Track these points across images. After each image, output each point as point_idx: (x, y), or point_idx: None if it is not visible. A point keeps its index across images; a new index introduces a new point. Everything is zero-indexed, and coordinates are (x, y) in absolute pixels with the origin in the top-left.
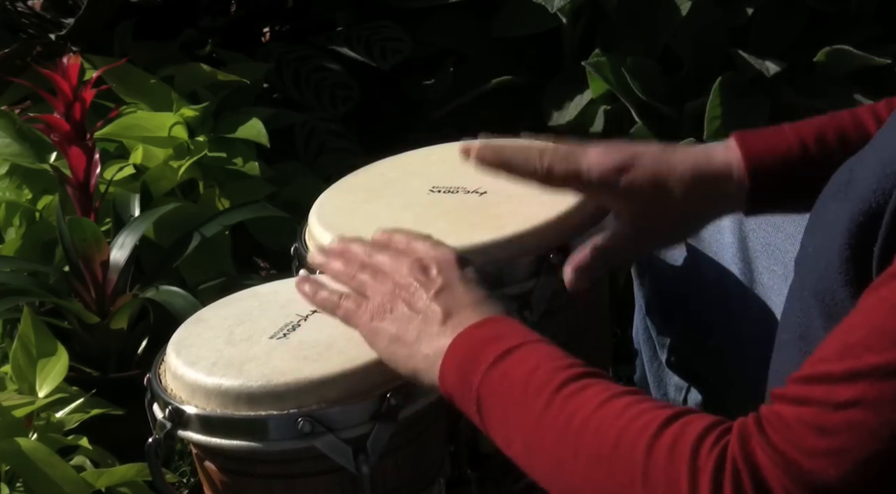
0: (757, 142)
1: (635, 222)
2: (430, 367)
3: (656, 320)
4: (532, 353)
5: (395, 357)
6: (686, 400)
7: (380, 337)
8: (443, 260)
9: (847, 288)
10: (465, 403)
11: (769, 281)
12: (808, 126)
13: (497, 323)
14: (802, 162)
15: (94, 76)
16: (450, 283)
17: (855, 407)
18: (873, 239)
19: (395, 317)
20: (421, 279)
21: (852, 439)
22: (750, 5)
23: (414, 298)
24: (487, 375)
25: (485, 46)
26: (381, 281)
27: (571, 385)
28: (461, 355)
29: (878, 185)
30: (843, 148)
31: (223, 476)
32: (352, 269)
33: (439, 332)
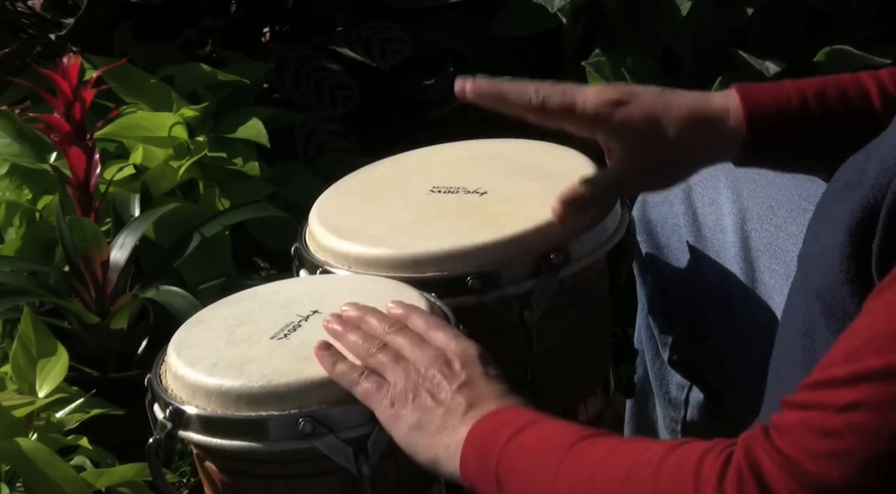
0: (757, 92)
1: (627, 159)
2: (450, 457)
3: (658, 319)
4: (546, 425)
5: (414, 445)
6: (688, 398)
7: (400, 424)
8: (465, 356)
9: (848, 286)
10: (486, 485)
11: (771, 280)
12: (809, 83)
13: (514, 408)
14: (801, 115)
15: (94, 76)
16: (473, 378)
17: (857, 409)
18: (872, 235)
19: (416, 406)
20: (445, 371)
21: (855, 441)
22: (750, 5)
23: (437, 389)
24: (504, 451)
25: (485, 46)
26: (403, 367)
27: (583, 442)
28: (480, 440)
29: (876, 181)
30: (842, 106)
31: (224, 477)
32: (371, 347)
33: (461, 423)
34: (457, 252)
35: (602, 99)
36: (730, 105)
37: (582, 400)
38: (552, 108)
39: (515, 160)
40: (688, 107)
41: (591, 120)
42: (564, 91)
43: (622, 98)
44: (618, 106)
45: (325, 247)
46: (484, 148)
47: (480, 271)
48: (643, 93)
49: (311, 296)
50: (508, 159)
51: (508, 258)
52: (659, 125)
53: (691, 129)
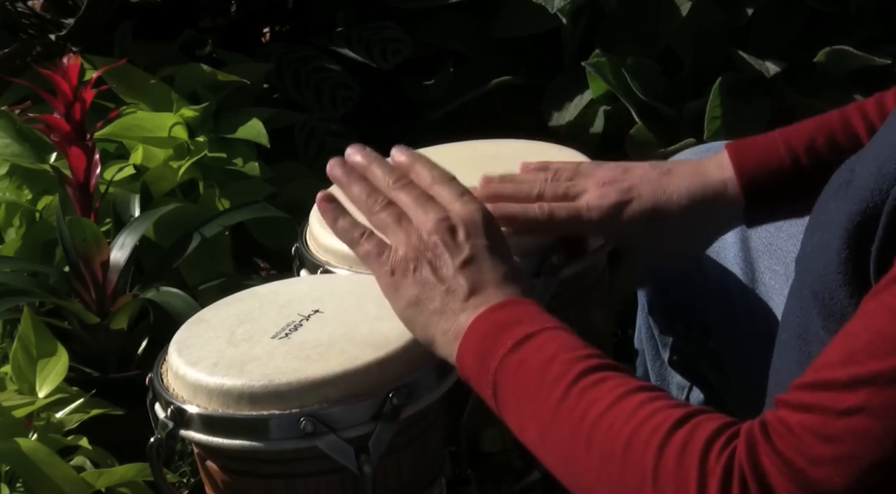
0: (749, 157)
1: (640, 250)
2: (447, 344)
3: (658, 319)
4: (550, 342)
5: (411, 320)
6: (688, 399)
7: (399, 295)
8: (471, 224)
9: (845, 288)
10: (482, 387)
11: (771, 280)
12: (798, 135)
13: (517, 305)
14: (795, 174)
15: (94, 76)
16: (476, 253)
17: (859, 414)
18: (870, 239)
19: (417, 279)
20: (448, 241)
21: (857, 446)
22: (750, 5)
23: (439, 262)
24: (504, 361)
25: (485, 46)
26: (406, 230)
27: (587, 377)
28: (479, 339)
29: (875, 185)
30: (834, 154)
31: (225, 476)
32: (374, 204)
33: (461, 308)
34: None
35: (604, 205)
36: (726, 178)
37: None
38: (559, 221)
39: (515, 160)
40: (687, 193)
41: (597, 225)
42: (565, 197)
43: (622, 199)
44: (620, 208)
45: (326, 247)
46: (484, 148)
47: None
48: (642, 187)
49: (312, 296)
50: (508, 159)
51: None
52: (663, 216)
53: (695, 213)
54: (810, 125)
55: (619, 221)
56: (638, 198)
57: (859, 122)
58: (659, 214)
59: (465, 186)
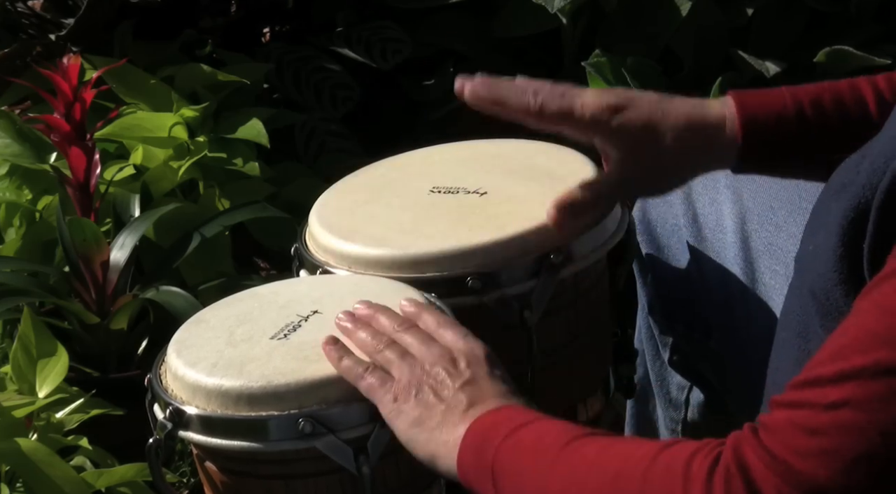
0: (753, 100)
1: (624, 165)
2: (448, 454)
3: (658, 320)
4: (544, 424)
5: (414, 440)
6: (688, 398)
7: (401, 418)
8: (472, 355)
9: (841, 286)
10: (482, 482)
11: (771, 280)
12: (805, 90)
13: (512, 408)
14: (797, 123)
15: (94, 76)
16: (477, 377)
17: (844, 407)
18: (863, 235)
19: (419, 402)
20: (450, 369)
21: (842, 439)
22: (750, 5)
23: (440, 387)
24: (500, 449)
25: (485, 46)
26: (409, 363)
27: (578, 441)
28: (477, 437)
29: (867, 181)
30: (838, 114)
31: (224, 477)
32: (378, 343)
33: (461, 420)
34: (457, 252)
35: (600, 104)
36: (726, 113)
37: (582, 400)
38: (550, 112)
39: (515, 160)
40: (685, 115)
41: (588, 125)
42: (563, 94)
43: (620, 103)
44: (616, 111)
45: (326, 248)
46: (484, 148)
47: (480, 271)
48: (641, 99)
49: (312, 296)
50: (508, 159)
51: (508, 258)
52: (656, 131)
53: (688, 137)
54: (817, 85)
55: (610, 126)
56: (635, 108)
57: (868, 89)
58: (652, 128)
59: (468, 329)
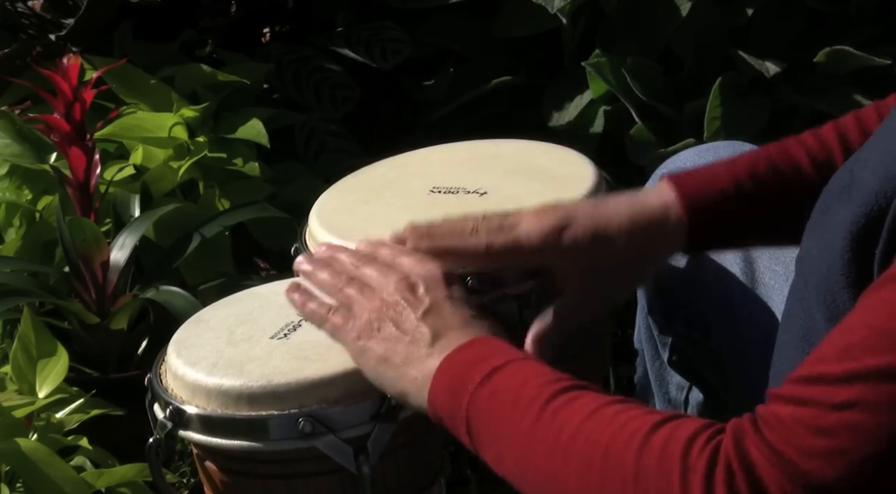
0: (690, 182)
1: (583, 279)
2: (418, 391)
3: (658, 319)
4: (519, 370)
5: (382, 377)
6: (688, 398)
7: (367, 356)
8: (429, 278)
9: (849, 290)
10: (456, 425)
11: (770, 280)
12: (740, 162)
13: (483, 342)
14: (738, 197)
15: (94, 76)
16: (437, 303)
17: (853, 408)
18: (875, 241)
19: (382, 337)
20: (408, 298)
21: (850, 440)
22: (750, 6)
23: (401, 318)
24: (475, 395)
25: (485, 46)
26: (368, 297)
27: (560, 398)
28: (448, 378)
29: (880, 188)
30: (776, 180)
31: (224, 477)
32: (339, 282)
33: (427, 355)
34: None
35: (544, 229)
36: (667, 200)
37: None
38: (498, 249)
39: (515, 160)
40: (627, 214)
41: (538, 251)
42: (502, 228)
43: (560, 223)
44: (560, 232)
45: None
46: (484, 148)
47: (480, 271)
48: (579, 212)
49: None
50: (508, 159)
51: None
52: (605, 239)
53: (636, 235)
54: (754, 153)
55: (560, 244)
56: (577, 221)
57: (799, 151)
58: (600, 235)
59: (426, 256)
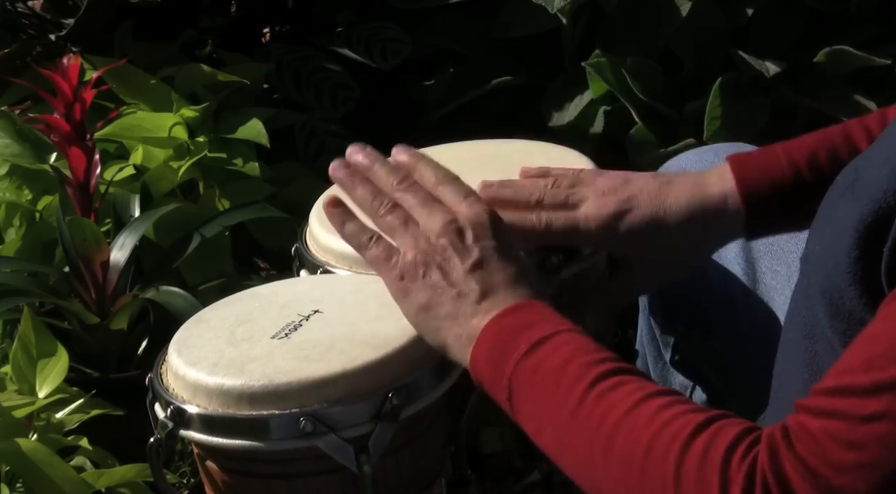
0: (750, 169)
1: (637, 261)
2: (461, 349)
3: (659, 320)
4: (564, 345)
5: (423, 325)
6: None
7: (409, 300)
8: (478, 225)
9: (855, 287)
10: (496, 391)
11: (772, 281)
12: (800, 148)
13: (530, 308)
14: (796, 187)
15: (95, 77)
16: (486, 256)
17: (882, 419)
18: (883, 239)
19: (427, 284)
20: (457, 244)
21: (881, 452)
22: (750, 6)
23: (448, 266)
24: (519, 365)
25: (485, 47)
26: (413, 233)
27: (604, 382)
28: (493, 343)
29: (888, 185)
30: (835, 168)
31: (225, 476)
32: (379, 206)
33: (472, 313)
34: None
35: (602, 216)
36: (726, 190)
37: None
38: (557, 230)
39: (515, 160)
40: (686, 204)
41: (595, 235)
42: (564, 206)
43: (620, 209)
44: (618, 219)
45: (326, 247)
46: (484, 148)
47: None
48: (640, 198)
49: (312, 296)
50: (508, 159)
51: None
52: (662, 227)
53: (694, 224)
54: (812, 139)
55: (617, 232)
56: (637, 208)
57: (861, 136)
58: (657, 226)
59: (469, 186)
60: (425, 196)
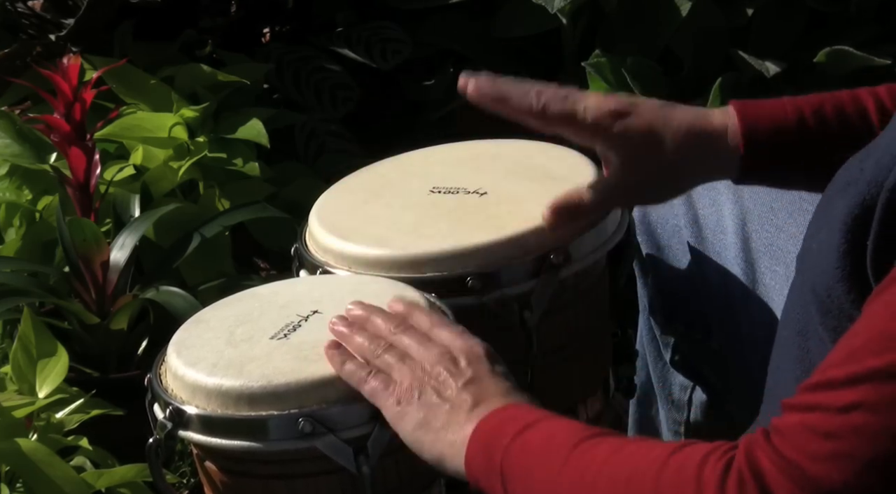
0: (755, 109)
1: (624, 171)
2: (455, 454)
3: (659, 320)
4: (551, 424)
5: (420, 442)
6: (691, 399)
7: (406, 421)
8: (471, 353)
9: (843, 283)
10: (491, 482)
11: (772, 281)
12: (807, 100)
13: (519, 406)
14: (798, 133)
15: (95, 77)
16: (479, 375)
17: (857, 410)
18: (867, 232)
19: (422, 404)
20: (451, 369)
21: (855, 442)
22: (750, 6)
23: (443, 386)
24: (509, 450)
25: (485, 46)
26: (409, 365)
27: (587, 442)
28: (484, 437)
29: (871, 177)
30: (840, 124)
31: (224, 477)
32: (377, 348)
33: (466, 420)
34: (457, 252)
35: (602, 109)
36: (728, 123)
37: (582, 400)
38: (552, 114)
39: (515, 160)
40: (687, 124)
41: (590, 129)
42: (566, 97)
43: (622, 109)
44: (618, 117)
45: (326, 248)
46: (484, 148)
47: (480, 271)
48: (643, 106)
49: (311, 296)
50: (508, 159)
51: (508, 258)
52: (657, 139)
53: (689, 145)
54: (820, 95)
55: (611, 131)
56: (637, 115)
57: (869, 99)
58: (652, 137)
59: (462, 326)
60: (421, 336)
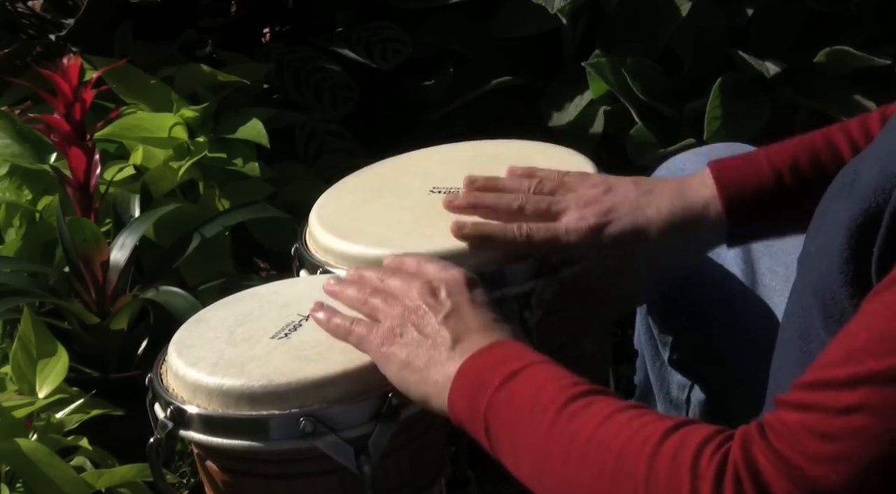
0: (733, 176)
1: (627, 271)
2: (439, 393)
3: (657, 320)
4: (537, 374)
5: (405, 382)
6: (689, 398)
7: (390, 362)
8: (451, 282)
9: (846, 288)
10: (475, 428)
11: (771, 281)
12: (782, 153)
13: (503, 346)
14: (777, 193)
15: (95, 77)
16: (458, 307)
17: (857, 412)
18: (873, 239)
19: (405, 342)
20: (430, 302)
21: (855, 444)
22: (750, 6)
23: (423, 322)
24: (494, 398)
25: (485, 47)
26: (392, 304)
27: (576, 402)
28: (468, 381)
29: (878, 185)
30: (817, 175)
31: (224, 476)
32: (364, 294)
33: (448, 358)
34: (457, 252)
35: (582, 229)
36: (708, 198)
37: None
38: (538, 243)
39: (515, 160)
40: (668, 214)
41: (576, 246)
42: (545, 216)
43: (601, 221)
44: (599, 232)
45: (326, 248)
46: (484, 148)
47: (481, 271)
48: (621, 208)
49: (312, 296)
50: (508, 159)
51: (508, 258)
52: (644, 237)
53: (675, 233)
54: (793, 144)
55: (598, 244)
56: (617, 220)
57: (843, 142)
58: (637, 236)
59: (450, 262)
60: (407, 275)
